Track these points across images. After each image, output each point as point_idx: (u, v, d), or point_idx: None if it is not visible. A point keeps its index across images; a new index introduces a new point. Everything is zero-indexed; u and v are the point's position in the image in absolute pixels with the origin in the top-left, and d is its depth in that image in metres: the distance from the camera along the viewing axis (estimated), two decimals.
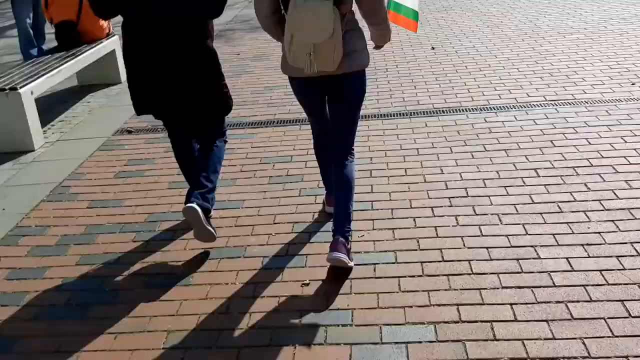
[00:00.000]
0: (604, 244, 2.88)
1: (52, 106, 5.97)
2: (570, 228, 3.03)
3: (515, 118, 4.54)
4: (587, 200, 3.28)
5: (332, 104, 2.89)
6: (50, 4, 5.83)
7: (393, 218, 3.26)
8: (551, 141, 4.08)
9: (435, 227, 3.14)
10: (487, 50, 6.46)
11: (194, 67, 2.96)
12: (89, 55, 5.80)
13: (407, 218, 3.25)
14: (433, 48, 6.74)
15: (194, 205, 2.86)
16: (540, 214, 3.18)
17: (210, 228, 2.92)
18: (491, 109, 4.77)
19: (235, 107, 5.35)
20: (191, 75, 2.97)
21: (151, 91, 3.00)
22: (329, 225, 3.22)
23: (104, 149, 4.66)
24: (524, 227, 3.07)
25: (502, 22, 7.64)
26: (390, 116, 4.82)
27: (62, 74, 5.30)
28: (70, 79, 6.40)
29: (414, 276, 2.74)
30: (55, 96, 6.31)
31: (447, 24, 7.83)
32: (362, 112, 4.85)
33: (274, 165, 4.09)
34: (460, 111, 4.80)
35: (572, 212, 3.18)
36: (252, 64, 6.80)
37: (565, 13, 7.87)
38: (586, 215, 3.14)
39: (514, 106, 4.80)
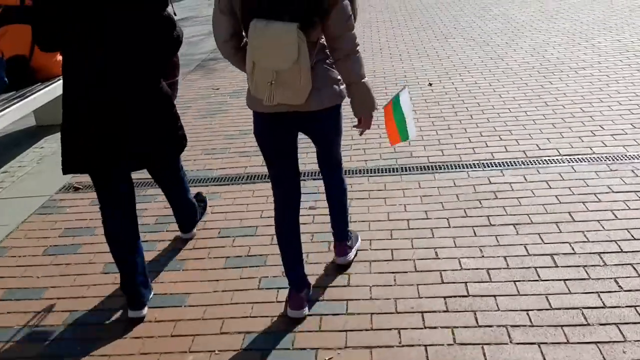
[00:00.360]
0: None
1: (0, 152, 5.31)
2: (601, 352, 2.32)
3: (525, 179, 3.84)
4: (619, 307, 2.57)
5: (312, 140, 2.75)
6: None
7: (373, 329, 2.55)
8: (569, 213, 3.37)
9: (426, 346, 2.42)
10: (490, 88, 5.77)
11: (155, 105, 2.71)
12: (42, 96, 5.11)
13: (390, 330, 2.54)
14: (430, 84, 6.07)
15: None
16: (561, 327, 2.47)
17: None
18: (496, 165, 4.08)
19: (204, 157, 4.68)
20: (154, 112, 2.71)
21: (107, 137, 2.57)
22: (287, 341, 2.51)
23: (41, 212, 3.97)
24: (541, 350, 2.35)
25: (506, 54, 6.97)
26: (378, 172, 4.12)
27: (5, 119, 4.63)
28: (27, 118, 5.74)
29: None
30: (6, 139, 5.65)
31: (446, 55, 7.16)
32: (345, 166, 4.18)
33: (233, 241, 3.39)
34: (459, 167, 4.10)
35: (602, 324, 2.47)
36: (229, 102, 6.12)
37: (576, 43, 7.19)
38: (620, 330, 2.42)
39: (523, 162, 4.10)
